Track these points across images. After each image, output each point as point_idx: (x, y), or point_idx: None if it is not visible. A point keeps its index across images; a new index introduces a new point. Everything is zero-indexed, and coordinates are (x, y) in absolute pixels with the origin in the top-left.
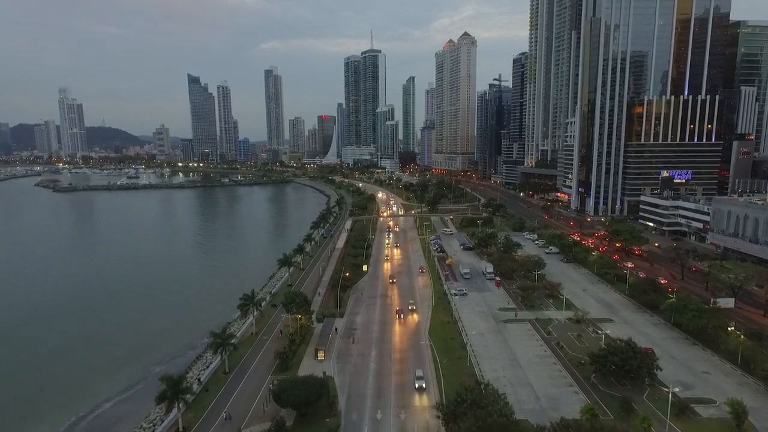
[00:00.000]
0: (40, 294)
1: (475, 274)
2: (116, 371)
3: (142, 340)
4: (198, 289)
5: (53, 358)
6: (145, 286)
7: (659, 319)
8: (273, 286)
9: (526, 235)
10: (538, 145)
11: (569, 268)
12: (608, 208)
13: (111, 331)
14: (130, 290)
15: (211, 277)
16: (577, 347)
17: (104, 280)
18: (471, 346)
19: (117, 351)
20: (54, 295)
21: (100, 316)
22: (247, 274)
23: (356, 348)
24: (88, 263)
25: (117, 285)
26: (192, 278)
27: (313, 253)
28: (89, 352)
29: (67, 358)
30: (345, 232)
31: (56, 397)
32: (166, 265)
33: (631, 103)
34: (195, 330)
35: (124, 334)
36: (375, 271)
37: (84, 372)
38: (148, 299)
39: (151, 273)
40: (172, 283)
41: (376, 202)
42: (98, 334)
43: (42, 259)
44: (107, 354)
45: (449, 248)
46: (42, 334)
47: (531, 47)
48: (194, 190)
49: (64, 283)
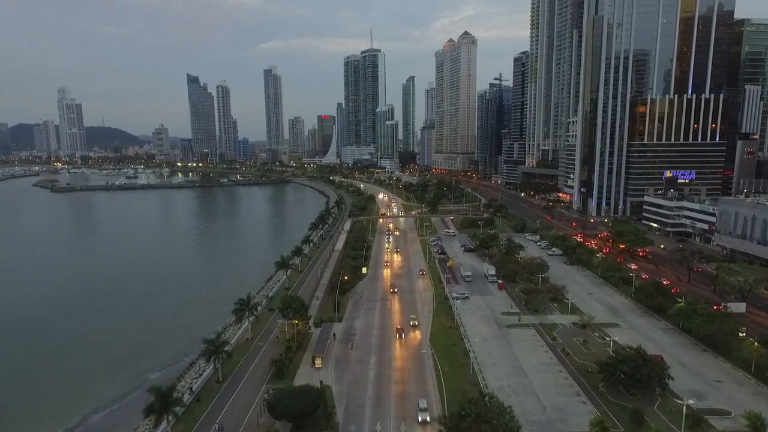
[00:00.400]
0: (37, 295)
1: (477, 276)
2: (110, 378)
3: (139, 344)
4: (197, 289)
5: (47, 364)
6: (143, 286)
7: (667, 323)
8: (270, 289)
9: (528, 236)
10: (539, 145)
11: (573, 270)
12: (611, 208)
13: (107, 333)
14: (129, 290)
15: (210, 277)
16: (584, 354)
17: (101, 281)
18: (474, 352)
19: (113, 355)
20: (52, 296)
21: (95, 318)
22: (246, 274)
23: (355, 354)
24: (86, 263)
25: (114, 285)
26: (190, 279)
27: (311, 255)
28: (83, 357)
29: (62, 363)
30: (344, 234)
31: (46, 406)
32: (164, 266)
33: (633, 102)
34: (193, 333)
35: (122, 336)
36: (375, 273)
37: (77, 379)
38: (146, 300)
39: (149, 273)
40: (169, 283)
41: (376, 203)
42: (93, 338)
43: (40, 260)
44: (102, 359)
45: (450, 250)
46: (37, 338)
47: (532, 46)
48: (193, 190)
49: (62, 284)
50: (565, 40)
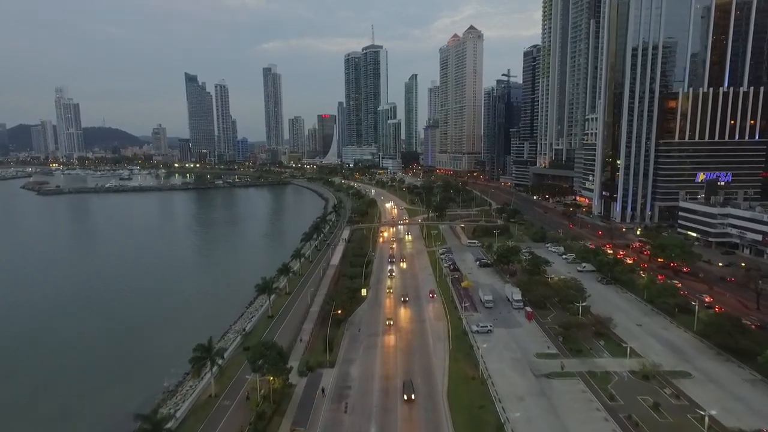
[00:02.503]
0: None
1: (498, 299)
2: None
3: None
4: (158, 324)
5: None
6: (106, 314)
7: (754, 373)
8: (249, 319)
9: (550, 247)
10: (552, 144)
11: (610, 292)
12: (637, 214)
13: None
14: (87, 320)
15: (179, 307)
16: (659, 426)
17: (60, 303)
18: (510, 427)
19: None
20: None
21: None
22: (226, 297)
23: (350, 421)
24: (51, 276)
25: (57, 319)
26: (155, 308)
27: (303, 271)
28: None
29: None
30: (342, 244)
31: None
32: (130, 287)
33: (662, 97)
34: (143, 390)
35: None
36: (376, 296)
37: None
38: (105, 335)
39: (118, 295)
40: (125, 315)
41: (377, 207)
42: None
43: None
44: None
45: (463, 264)
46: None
47: (544, 39)
48: (186, 192)
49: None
50: (581, 31)
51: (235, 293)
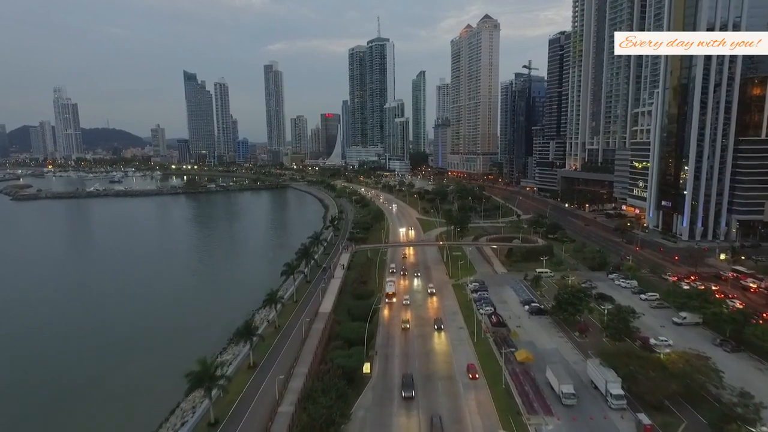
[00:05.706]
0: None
1: (579, 387)
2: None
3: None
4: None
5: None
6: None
7: None
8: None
9: (616, 279)
10: (585, 144)
11: (740, 364)
12: (708, 229)
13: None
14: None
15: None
16: None
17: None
18: None
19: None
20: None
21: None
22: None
23: None
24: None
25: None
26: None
27: (279, 323)
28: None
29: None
30: (339, 275)
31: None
32: (61, 340)
33: (745, 83)
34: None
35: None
36: (385, 369)
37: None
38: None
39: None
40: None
41: (386, 221)
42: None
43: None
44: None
45: (505, 308)
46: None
47: (575, 23)
48: (174, 197)
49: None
50: (624, 10)
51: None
